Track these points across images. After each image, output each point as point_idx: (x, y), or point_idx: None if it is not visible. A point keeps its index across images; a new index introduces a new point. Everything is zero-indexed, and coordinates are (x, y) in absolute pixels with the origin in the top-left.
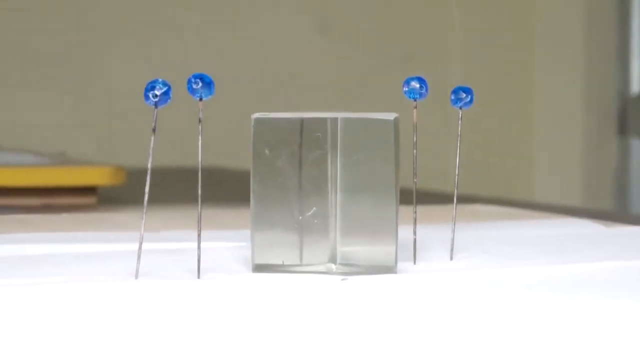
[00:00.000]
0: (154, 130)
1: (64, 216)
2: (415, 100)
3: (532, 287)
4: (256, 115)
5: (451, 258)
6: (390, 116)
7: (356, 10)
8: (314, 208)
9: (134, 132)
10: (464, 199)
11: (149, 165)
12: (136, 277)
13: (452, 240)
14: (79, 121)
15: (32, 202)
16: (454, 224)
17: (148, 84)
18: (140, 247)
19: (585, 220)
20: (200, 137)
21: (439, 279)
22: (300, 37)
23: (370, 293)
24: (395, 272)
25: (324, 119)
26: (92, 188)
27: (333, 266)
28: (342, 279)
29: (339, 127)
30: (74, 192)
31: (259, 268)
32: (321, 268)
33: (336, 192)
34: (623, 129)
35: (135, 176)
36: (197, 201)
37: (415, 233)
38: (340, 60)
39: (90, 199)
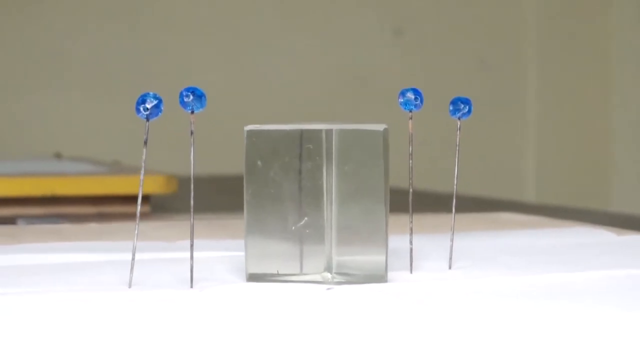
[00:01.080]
0: (145, 142)
1: (92, 226)
2: (410, 112)
3: (525, 296)
4: (249, 127)
5: (450, 267)
6: (380, 127)
7: (430, 14)
8: (306, 218)
9: (186, 140)
10: (523, 207)
11: (141, 177)
12: (129, 286)
13: (451, 249)
14: (133, 129)
15: (87, 210)
16: (453, 233)
17: (139, 97)
18: (133, 258)
19: (598, 228)
20: (192, 149)
21: (427, 288)
22: (372, 41)
23: (355, 303)
24: (386, 281)
25: (319, 131)
26: (145, 196)
27: (329, 275)
28: (327, 289)
29: (333, 139)
30: (127, 201)
31: (253, 277)
32: (317, 277)
33: (331, 202)
34: None
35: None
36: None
37: (411, 242)
38: (413, 64)
39: (143, 208)
